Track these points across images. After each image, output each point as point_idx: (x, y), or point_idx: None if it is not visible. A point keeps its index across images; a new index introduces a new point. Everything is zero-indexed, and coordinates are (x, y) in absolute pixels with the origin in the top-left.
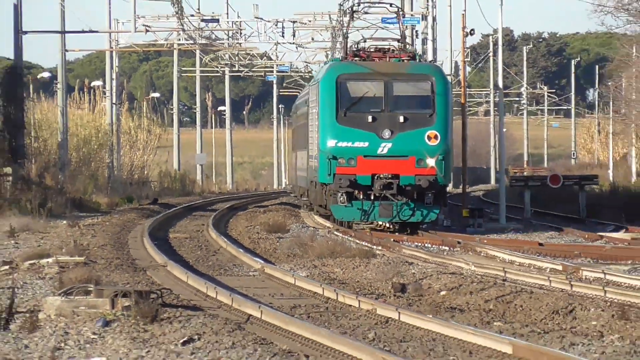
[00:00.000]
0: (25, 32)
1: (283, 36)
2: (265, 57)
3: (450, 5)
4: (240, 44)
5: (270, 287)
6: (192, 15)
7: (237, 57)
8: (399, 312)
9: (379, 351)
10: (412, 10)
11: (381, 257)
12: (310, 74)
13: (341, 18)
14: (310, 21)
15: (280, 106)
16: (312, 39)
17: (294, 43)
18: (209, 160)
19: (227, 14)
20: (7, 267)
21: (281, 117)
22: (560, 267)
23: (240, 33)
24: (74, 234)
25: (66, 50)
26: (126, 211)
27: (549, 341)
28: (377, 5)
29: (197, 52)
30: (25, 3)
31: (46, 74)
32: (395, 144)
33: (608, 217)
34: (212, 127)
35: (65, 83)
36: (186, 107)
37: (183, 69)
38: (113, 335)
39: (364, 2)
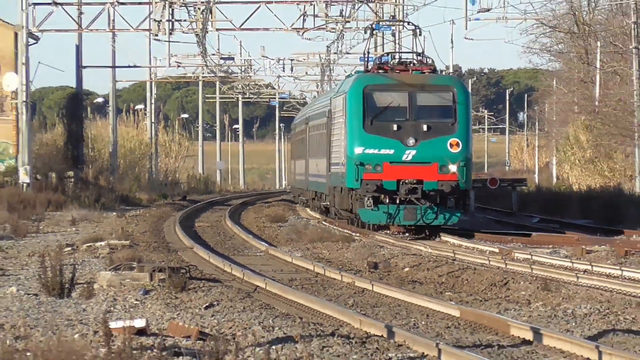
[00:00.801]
0: (85, 67)
1: (283, 70)
2: (269, 87)
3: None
4: (250, 76)
5: (273, 264)
6: (213, 54)
7: (247, 87)
8: (372, 284)
9: (357, 314)
10: (381, 50)
11: (359, 242)
12: (304, 100)
13: (328, 56)
14: (304, 59)
15: (280, 125)
16: (306, 73)
17: (292, 76)
18: (226, 166)
19: (240, 53)
20: (69, 248)
21: (282, 133)
22: (497, 250)
23: (251, 68)
24: (122, 223)
25: (116, 81)
26: (162, 205)
27: (488, 307)
28: (395, 24)
29: (217, 83)
30: (84, 43)
31: (100, 99)
32: (420, 151)
33: (534, 211)
34: (228, 141)
35: (115, 106)
36: (208, 125)
37: (206, 96)
38: (151, 301)
39: (382, 21)
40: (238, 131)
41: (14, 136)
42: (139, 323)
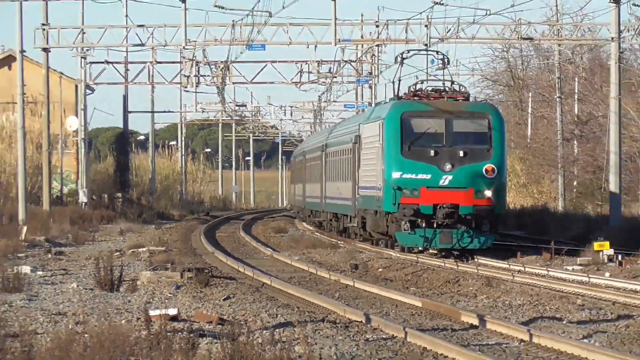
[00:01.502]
0: (130, 112)
1: (284, 115)
2: (273, 127)
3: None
4: (259, 119)
5: (276, 266)
6: (230, 102)
7: (257, 127)
8: (354, 281)
9: (342, 305)
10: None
11: (343, 248)
12: (301, 138)
13: (319, 104)
14: (301, 106)
15: (282, 157)
16: (302, 116)
17: (291, 119)
18: (240, 189)
19: (251, 101)
20: (118, 253)
21: (283, 164)
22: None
23: (259, 113)
24: (158, 233)
25: (154, 123)
26: (190, 220)
27: (444, 299)
28: (425, 53)
29: (233, 124)
30: (129, 93)
31: (142, 137)
32: (456, 176)
33: None
34: (242, 170)
35: (154, 142)
36: (226, 157)
37: (224, 134)
38: (181, 294)
39: (412, 50)
40: (249, 162)
41: (75, 166)
42: (172, 311)
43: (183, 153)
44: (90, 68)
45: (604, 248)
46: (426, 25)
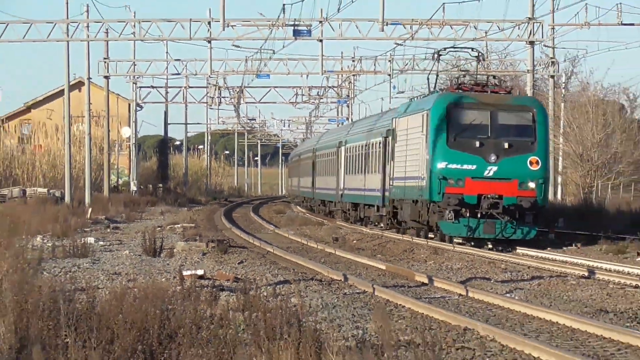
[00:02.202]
0: (169, 124)
1: (284, 126)
2: (275, 136)
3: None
4: (265, 129)
5: (277, 239)
6: (243, 117)
7: (263, 136)
8: (335, 250)
9: (326, 267)
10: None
11: (327, 225)
12: (295, 144)
13: (310, 118)
14: (296, 119)
15: (282, 158)
16: (297, 127)
17: (289, 129)
18: (250, 181)
19: (259, 116)
20: (159, 228)
21: (282, 163)
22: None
23: (265, 125)
24: (189, 214)
25: (187, 132)
26: (213, 204)
27: (402, 264)
28: (460, 50)
29: (245, 133)
30: (169, 109)
31: (178, 142)
32: (500, 167)
33: None
34: (252, 167)
35: (186, 146)
36: (240, 158)
37: (239, 141)
38: (207, 259)
39: (448, 48)
40: (257, 161)
41: (127, 163)
42: (200, 272)
43: (208, 154)
44: (139, 91)
45: None
46: (390, 61)
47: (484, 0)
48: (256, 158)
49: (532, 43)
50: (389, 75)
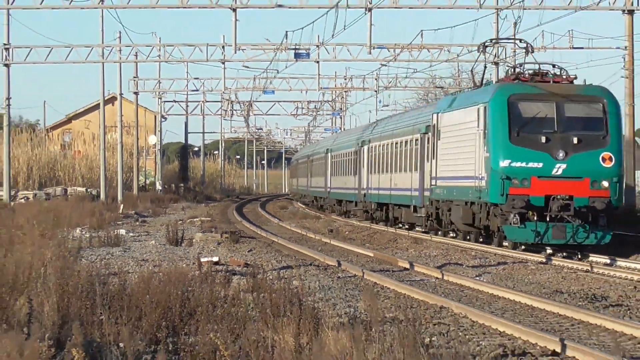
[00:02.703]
0: (189, 132)
1: (287, 135)
2: (279, 143)
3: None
4: (270, 137)
5: (281, 230)
6: (252, 127)
7: (269, 142)
8: (330, 240)
9: (323, 255)
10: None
11: (323, 219)
12: (296, 149)
13: (308, 128)
14: (297, 129)
15: (285, 162)
16: (297, 136)
17: (291, 137)
18: (258, 182)
19: (266, 126)
20: (180, 221)
21: (285, 166)
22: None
23: (270, 133)
24: (207, 209)
25: (204, 140)
26: (226, 201)
27: (387, 252)
28: (506, 41)
29: (254, 141)
30: (189, 121)
31: (196, 148)
32: (570, 165)
33: None
34: (260, 169)
35: (204, 152)
36: (249, 162)
37: (249, 147)
38: (221, 248)
39: (494, 39)
40: (264, 164)
41: (153, 166)
42: (215, 259)
43: (222, 159)
44: (163, 105)
45: None
46: (376, 79)
47: (456, 27)
48: (263, 162)
49: (496, 64)
50: (376, 91)
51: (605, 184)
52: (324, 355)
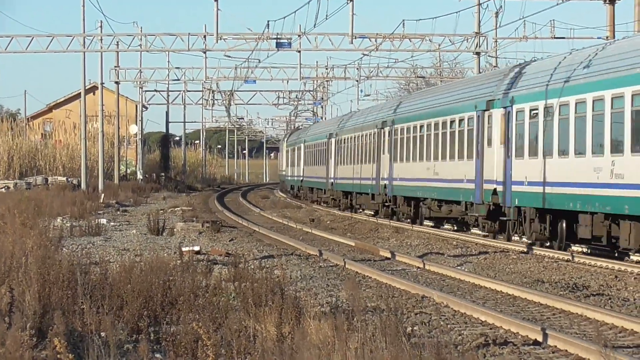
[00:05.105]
0: (170, 122)
1: (268, 124)
2: (260, 132)
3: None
4: (252, 127)
5: (262, 220)
6: (233, 116)
7: (250, 132)
8: (312, 229)
9: (304, 244)
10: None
11: (305, 208)
12: (278, 139)
13: (289, 117)
14: (278, 119)
15: (266, 151)
16: (279, 126)
17: (272, 127)
18: (239, 171)
19: (247, 115)
20: (162, 210)
21: (266, 155)
22: (372, 213)
23: (252, 123)
24: (188, 199)
25: (185, 129)
26: (208, 190)
27: (369, 241)
28: None
29: (235, 130)
30: (170, 110)
31: (177, 138)
32: None
33: None
34: (241, 159)
35: (185, 141)
36: (230, 151)
37: (230, 137)
38: (202, 237)
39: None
40: (245, 154)
41: (135, 155)
42: (196, 248)
43: (203, 148)
44: (145, 94)
45: None
46: (357, 68)
47: (438, 18)
48: (244, 151)
49: (478, 54)
50: (357, 80)
51: None
52: (305, 344)
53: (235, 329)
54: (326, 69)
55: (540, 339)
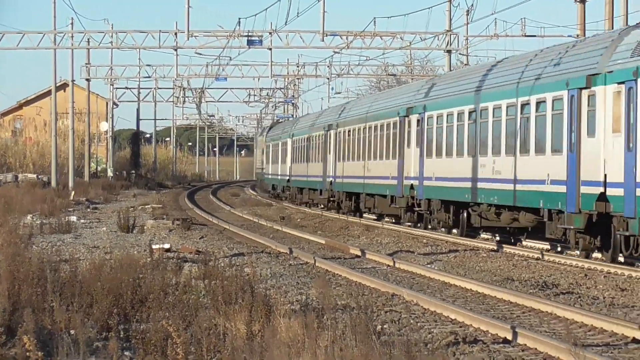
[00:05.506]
0: (140, 119)
1: (238, 122)
2: (231, 130)
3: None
4: (222, 124)
5: (232, 217)
6: (204, 113)
7: (221, 129)
8: (282, 228)
9: (274, 242)
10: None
11: (275, 206)
12: (249, 137)
13: (260, 115)
14: (249, 116)
15: (237, 149)
16: (250, 123)
17: (242, 124)
18: (210, 169)
19: (218, 113)
20: (132, 208)
21: (236, 153)
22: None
23: (223, 120)
24: (158, 196)
25: (156, 126)
26: (178, 188)
27: (339, 239)
28: None
29: (206, 127)
30: (141, 107)
31: (148, 135)
32: None
33: None
34: (211, 156)
35: (155, 138)
36: (201, 149)
37: (200, 134)
38: (173, 235)
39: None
40: (216, 151)
41: (105, 153)
42: (167, 246)
43: (174, 146)
44: (115, 91)
45: None
46: (328, 66)
47: (409, 15)
48: (215, 149)
49: (449, 52)
50: (328, 78)
51: None
52: (275, 342)
53: (205, 326)
54: (297, 66)
55: (510, 337)
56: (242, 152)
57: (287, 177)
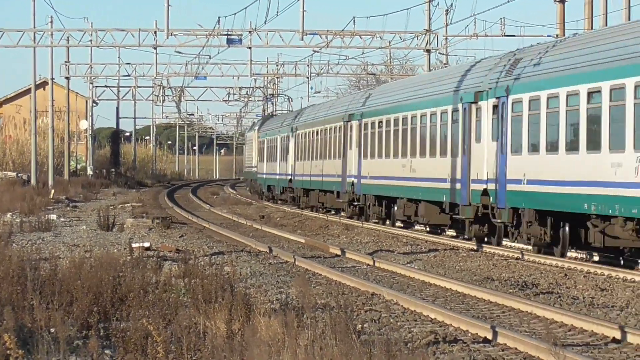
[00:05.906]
0: (120, 118)
1: (218, 120)
2: (211, 128)
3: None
4: (202, 123)
5: (212, 216)
6: (184, 112)
7: (200, 128)
8: (262, 226)
9: (254, 241)
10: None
11: (255, 205)
12: (230, 136)
13: (240, 114)
14: (229, 115)
15: (217, 148)
16: (229, 122)
17: (222, 123)
18: (189, 167)
19: (197, 111)
20: (112, 206)
21: (216, 152)
22: (322, 210)
23: (202, 119)
24: (138, 195)
25: (135, 125)
26: (158, 186)
27: (319, 238)
28: None
29: (185, 126)
30: (120, 105)
31: (128, 133)
32: None
33: None
34: (191, 155)
35: (135, 137)
36: (181, 147)
37: (180, 133)
38: (152, 234)
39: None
40: (195, 150)
41: (85, 151)
42: (146, 244)
43: (154, 144)
44: (95, 90)
45: None
46: (308, 65)
47: (389, 15)
48: (194, 147)
49: (429, 51)
50: (308, 77)
51: None
52: (255, 341)
53: (185, 325)
54: (277, 65)
55: (490, 336)
56: (222, 150)
57: (289, 177)
